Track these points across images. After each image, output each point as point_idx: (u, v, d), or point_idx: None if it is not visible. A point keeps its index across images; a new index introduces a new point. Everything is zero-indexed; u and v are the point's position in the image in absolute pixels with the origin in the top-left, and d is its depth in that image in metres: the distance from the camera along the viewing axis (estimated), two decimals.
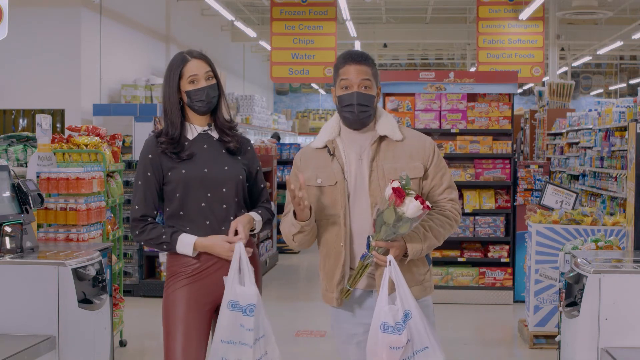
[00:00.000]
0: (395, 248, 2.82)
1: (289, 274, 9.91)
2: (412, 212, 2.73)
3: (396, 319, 2.77)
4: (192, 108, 3.15)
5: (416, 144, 2.99)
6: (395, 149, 2.96)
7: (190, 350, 3.02)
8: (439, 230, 2.92)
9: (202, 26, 15.71)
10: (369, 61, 2.96)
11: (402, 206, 2.73)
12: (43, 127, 5.18)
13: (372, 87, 2.95)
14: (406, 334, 2.77)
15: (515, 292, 7.65)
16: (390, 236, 2.79)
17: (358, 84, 2.92)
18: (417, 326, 2.79)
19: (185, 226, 3.10)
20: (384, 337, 2.76)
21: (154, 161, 3.14)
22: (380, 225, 2.79)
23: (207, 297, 3.09)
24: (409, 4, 17.82)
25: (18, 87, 9.53)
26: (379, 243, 2.81)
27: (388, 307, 2.77)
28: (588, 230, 5.80)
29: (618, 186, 8.85)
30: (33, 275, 3.61)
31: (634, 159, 4.00)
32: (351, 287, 2.92)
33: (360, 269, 2.88)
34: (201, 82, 3.11)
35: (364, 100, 2.92)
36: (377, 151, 2.95)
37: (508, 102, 7.78)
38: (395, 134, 2.97)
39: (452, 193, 3.01)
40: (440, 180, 2.99)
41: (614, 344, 3.26)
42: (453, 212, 2.99)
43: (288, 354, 6.03)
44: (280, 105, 27.65)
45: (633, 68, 26.53)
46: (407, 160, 2.95)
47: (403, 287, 2.80)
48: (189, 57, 3.14)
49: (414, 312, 2.79)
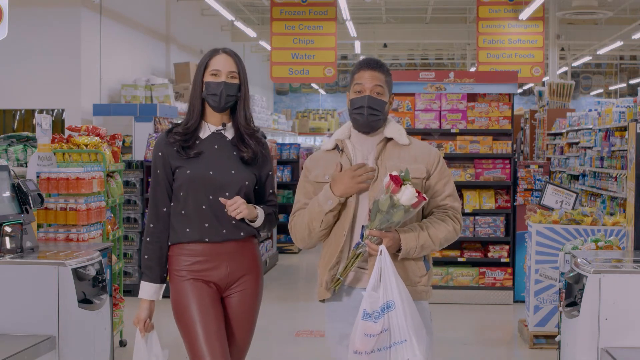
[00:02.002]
0: (388, 238, 2.85)
1: (289, 274, 9.91)
2: (407, 198, 2.78)
3: (374, 307, 2.78)
4: (207, 101, 3.16)
5: (422, 150, 3.07)
6: (401, 151, 3.03)
7: (213, 342, 3.01)
8: (436, 232, 2.95)
9: (202, 26, 15.70)
10: (383, 69, 3.05)
11: (398, 193, 2.78)
12: (43, 127, 5.17)
13: (384, 93, 3.03)
14: (382, 323, 2.77)
15: (515, 292, 7.65)
16: (384, 224, 2.83)
17: (370, 88, 3.01)
18: (398, 318, 2.78)
19: (186, 226, 3.10)
20: (362, 324, 2.79)
21: (163, 159, 3.15)
22: (375, 212, 2.84)
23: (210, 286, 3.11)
24: (409, 4, 17.82)
25: (18, 87, 9.53)
26: (373, 232, 2.85)
27: (369, 294, 2.80)
28: (588, 230, 5.80)
29: (618, 186, 8.85)
30: (33, 275, 3.61)
31: (634, 159, 4.01)
32: (341, 277, 2.95)
33: (353, 257, 2.93)
34: (221, 77, 3.13)
35: (375, 104, 3.00)
36: (382, 151, 3.02)
37: (508, 102, 7.78)
38: (402, 138, 3.05)
39: (454, 202, 3.06)
40: (444, 187, 3.05)
41: (614, 344, 3.26)
42: (453, 219, 3.02)
43: (288, 354, 6.04)
44: (280, 105, 27.64)
45: (633, 68, 26.53)
46: (411, 162, 3.00)
47: (390, 277, 2.80)
48: (220, 51, 3.17)
49: (398, 304, 2.78)
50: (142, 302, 3.15)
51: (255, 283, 3.20)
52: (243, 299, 3.17)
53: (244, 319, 3.19)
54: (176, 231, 3.13)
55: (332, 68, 12.90)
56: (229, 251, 3.12)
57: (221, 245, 3.11)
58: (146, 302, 3.14)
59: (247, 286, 3.17)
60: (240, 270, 3.15)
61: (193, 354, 3.03)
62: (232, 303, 3.16)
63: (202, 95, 3.15)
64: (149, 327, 3.12)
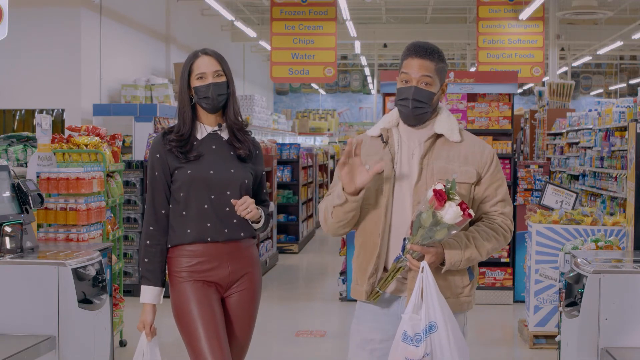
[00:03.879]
0: (431, 254, 2.65)
1: (289, 274, 9.91)
2: (451, 217, 2.58)
3: (416, 329, 2.62)
4: (200, 105, 3.15)
5: (474, 149, 2.83)
6: (451, 149, 2.81)
7: (214, 343, 3.01)
8: (483, 244, 2.74)
9: (202, 26, 15.71)
10: (433, 56, 2.79)
11: (441, 210, 2.58)
12: (43, 127, 5.17)
13: (434, 83, 2.79)
14: (424, 347, 2.60)
15: (515, 292, 7.65)
16: (426, 240, 2.64)
17: (418, 79, 2.77)
18: (441, 341, 2.62)
19: (186, 227, 3.10)
20: (402, 347, 2.63)
21: (161, 160, 3.13)
22: (417, 227, 2.63)
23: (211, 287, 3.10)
24: (409, 4, 17.82)
25: (18, 87, 9.53)
26: (414, 247, 2.65)
27: (409, 316, 2.63)
28: (588, 230, 5.80)
29: (618, 186, 8.85)
30: (33, 275, 3.61)
31: (634, 159, 4.01)
32: (381, 290, 2.78)
33: (393, 271, 2.74)
34: (208, 79, 3.12)
35: (421, 96, 2.77)
36: (430, 149, 2.80)
37: (508, 102, 7.78)
38: (453, 135, 2.82)
39: (505, 207, 2.84)
40: (495, 191, 2.83)
41: (614, 344, 3.26)
42: (503, 226, 2.80)
43: (288, 354, 6.04)
44: (280, 105, 27.65)
45: (633, 68, 26.53)
46: (461, 163, 2.79)
47: (432, 297, 2.62)
48: (200, 54, 3.16)
49: (441, 326, 2.62)
50: (145, 307, 3.12)
51: (254, 283, 3.21)
52: (243, 299, 3.17)
53: (244, 319, 3.19)
54: (176, 232, 3.12)
55: (332, 68, 12.90)
56: (230, 251, 3.12)
57: (223, 245, 3.11)
58: (149, 306, 3.12)
59: (246, 286, 3.17)
60: (241, 270, 3.15)
61: (194, 355, 3.03)
62: (232, 303, 3.17)
63: (194, 100, 3.14)
64: (153, 331, 3.12)
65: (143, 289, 3.12)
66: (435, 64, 2.78)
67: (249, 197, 3.08)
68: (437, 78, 2.79)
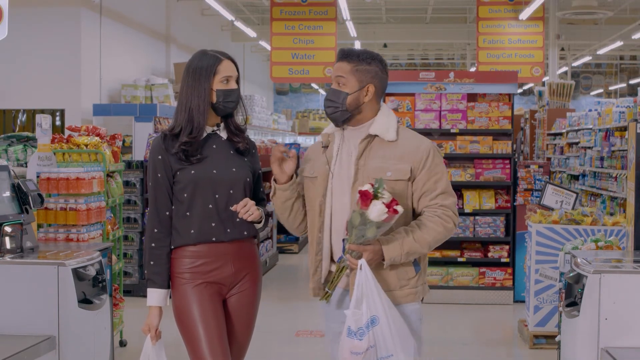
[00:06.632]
0: (368, 252, 2.77)
1: (289, 274, 9.91)
2: (376, 215, 2.68)
3: (359, 324, 2.73)
4: (216, 107, 3.12)
5: (410, 145, 2.91)
6: (387, 148, 2.90)
7: (215, 343, 3.01)
8: (423, 236, 2.83)
9: (202, 26, 15.70)
10: (351, 58, 2.92)
11: (367, 209, 2.69)
12: (43, 127, 5.17)
13: (348, 84, 2.91)
14: (368, 340, 2.73)
15: (515, 292, 7.65)
16: (360, 239, 2.75)
17: (333, 79, 2.95)
18: (383, 333, 2.74)
19: (190, 228, 3.09)
20: (348, 342, 2.76)
21: (163, 162, 3.11)
22: (351, 228, 2.76)
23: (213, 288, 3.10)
24: (409, 4, 17.82)
25: (18, 87, 9.53)
26: (352, 246, 2.77)
27: (352, 312, 2.75)
28: (588, 230, 5.80)
29: (618, 186, 8.85)
30: (33, 275, 3.61)
31: (634, 159, 4.01)
32: (330, 289, 2.92)
33: (338, 271, 2.89)
34: (232, 84, 3.12)
35: (331, 95, 2.94)
36: (367, 149, 2.90)
37: (508, 102, 7.78)
38: (388, 134, 2.90)
39: (446, 199, 2.90)
40: (435, 185, 2.89)
41: (614, 344, 3.26)
42: (444, 217, 2.87)
43: (288, 354, 6.04)
44: (280, 105, 27.64)
45: (633, 68, 26.52)
46: (396, 161, 2.88)
47: (372, 292, 2.74)
48: (223, 58, 3.15)
49: (382, 319, 2.74)
50: (151, 309, 3.10)
51: (255, 283, 3.21)
52: (244, 300, 3.17)
53: (245, 319, 3.19)
54: (179, 234, 3.11)
55: (332, 68, 12.89)
56: (234, 250, 3.12)
57: (227, 244, 3.11)
58: (156, 309, 3.10)
59: (247, 286, 3.18)
60: (243, 270, 3.16)
61: (195, 355, 3.03)
62: (233, 303, 3.16)
63: (216, 102, 3.11)
64: (158, 335, 3.12)
65: (149, 291, 3.11)
66: (353, 65, 2.92)
67: (249, 199, 3.09)
68: (353, 79, 2.91)
